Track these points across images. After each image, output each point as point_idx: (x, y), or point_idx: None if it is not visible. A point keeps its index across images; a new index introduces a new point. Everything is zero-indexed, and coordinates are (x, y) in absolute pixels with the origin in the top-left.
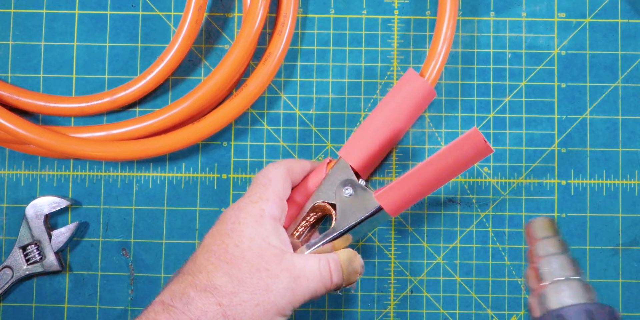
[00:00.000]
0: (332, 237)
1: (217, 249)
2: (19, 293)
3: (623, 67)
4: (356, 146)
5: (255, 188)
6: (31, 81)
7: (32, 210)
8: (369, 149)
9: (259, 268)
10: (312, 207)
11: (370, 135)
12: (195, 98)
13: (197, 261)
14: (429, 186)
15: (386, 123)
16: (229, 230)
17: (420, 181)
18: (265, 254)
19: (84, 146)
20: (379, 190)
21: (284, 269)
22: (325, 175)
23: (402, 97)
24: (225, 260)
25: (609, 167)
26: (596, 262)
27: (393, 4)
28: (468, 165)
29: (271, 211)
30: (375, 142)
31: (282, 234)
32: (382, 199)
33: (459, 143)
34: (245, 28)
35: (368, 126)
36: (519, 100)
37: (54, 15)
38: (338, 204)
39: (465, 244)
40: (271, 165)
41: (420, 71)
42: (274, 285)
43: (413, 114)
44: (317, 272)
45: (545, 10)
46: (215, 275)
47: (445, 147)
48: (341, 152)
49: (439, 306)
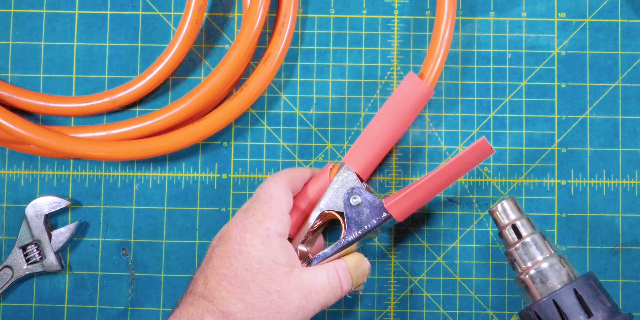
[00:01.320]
0: (342, 245)
1: (227, 273)
2: (19, 293)
3: (623, 67)
4: (359, 152)
5: (258, 205)
6: (31, 81)
7: (32, 210)
8: (371, 153)
9: (270, 290)
10: (319, 215)
11: (372, 140)
12: (195, 98)
13: (208, 284)
14: (436, 192)
15: (387, 128)
16: (236, 252)
17: (430, 190)
18: (274, 275)
19: (84, 146)
20: (389, 200)
21: (294, 288)
22: (329, 182)
23: (403, 102)
24: (237, 285)
25: (609, 167)
26: (596, 262)
27: (393, 4)
28: (470, 169)
29: (276, 229)
30: (377, 147)
31: (289, 249)
32: (392, 208)
33: (468, 153)
34: (245, 28)
35: (370, 131)
36: (519, 100)
37: (54, 15)
38: (346, 213)
39: (465, 244)
40: (271, 180)
41: (420, 72)
42: (286, 306)
43: (412, 115)
44: (327, 284)
45: (545, 10)
46: (229, 302)
47: (455, 158)
48: (345, 159)
49: (439, 306)
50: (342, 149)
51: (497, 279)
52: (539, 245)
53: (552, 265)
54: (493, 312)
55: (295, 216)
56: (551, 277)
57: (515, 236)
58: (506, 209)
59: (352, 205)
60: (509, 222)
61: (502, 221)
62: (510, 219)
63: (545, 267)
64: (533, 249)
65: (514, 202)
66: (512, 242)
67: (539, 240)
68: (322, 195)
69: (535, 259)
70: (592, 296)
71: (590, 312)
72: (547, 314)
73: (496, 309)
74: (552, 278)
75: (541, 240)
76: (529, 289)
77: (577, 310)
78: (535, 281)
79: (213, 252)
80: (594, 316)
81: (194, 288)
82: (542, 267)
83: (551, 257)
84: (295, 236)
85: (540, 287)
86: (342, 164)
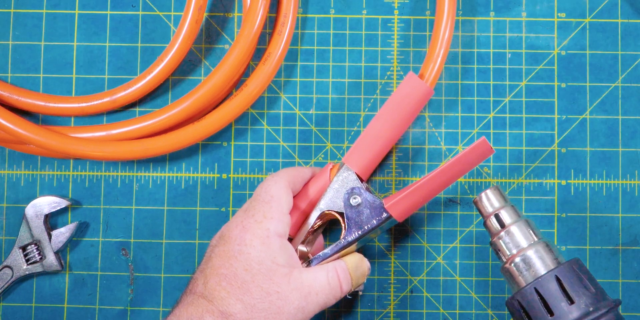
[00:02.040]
0: (342, 246)
1: (227, 273)
2: (19, 293)
3: (623, 67)
4: (359, 152)
5: (258, 205)
6: (31, 81)
7: (32, 210)
8: (371, 153)
9: (269, 291)
10: (319, 215)
11: (372, 141)
12: (195, 98)
13: (208, 284)
14: (435, 193)
15: (388, 128)
16: (236, 253)
17: (430, 191)
18: (274, 276)
19: (84, 146)
20: (389, 200)
21: (293, 289)
22: (329, 182)
23: (403, 102)
24: (237, 286)
25: (609, 167)
26: (596, 262)
27: (393, 4)
28: (470, 169)
29: (276, 229)
30: (377, 147)
31: (289, 249)
32: (392, 209)
33: (469, 153)
34: (245, 28)
35: (370, 131)
36: (519, 100)
37: (54, 15)
38: (347, 213)
39: (465, 244)
40: (272, 180)
41: (420, 72)
42: (285, 307)
43: (412, 115)
44: (327, 284)
45: (545, 10)
46: (229, 302)
47: (455, 158)
48: (345, 159)
49: (439, 306)
50: (342, 149)
51: (497, 279)
52: (524, 232)
53: (537, 252)
54: (493, 312)
55: (295, 216)
56: (535, 264)
57: (498, 225)
58: (490, 198)
59: (352, 206)
60: (492, 211)
61: (486, 210)
62: (494, 208)
63: (529, 255)
64: (517, 237)
65: (497, 190)
66: (495, 231)
67: (524, 227)
68: (322, 196)
69: (520, 246)
70: (575, 282)
71: (572, 299)
72: (529, 302)
73: (496, 309)
74: (537, 265)
75: (525, 228)
76: (513, 278)
77: (559, 297)
78: (520, 269)
79: (213, 252)
80: (576, 303)
81: (193, 287)
82: (527, 254)
83: (536, 244)
84: (295, 236)
85: (526, 274)
86: (342, 164)
